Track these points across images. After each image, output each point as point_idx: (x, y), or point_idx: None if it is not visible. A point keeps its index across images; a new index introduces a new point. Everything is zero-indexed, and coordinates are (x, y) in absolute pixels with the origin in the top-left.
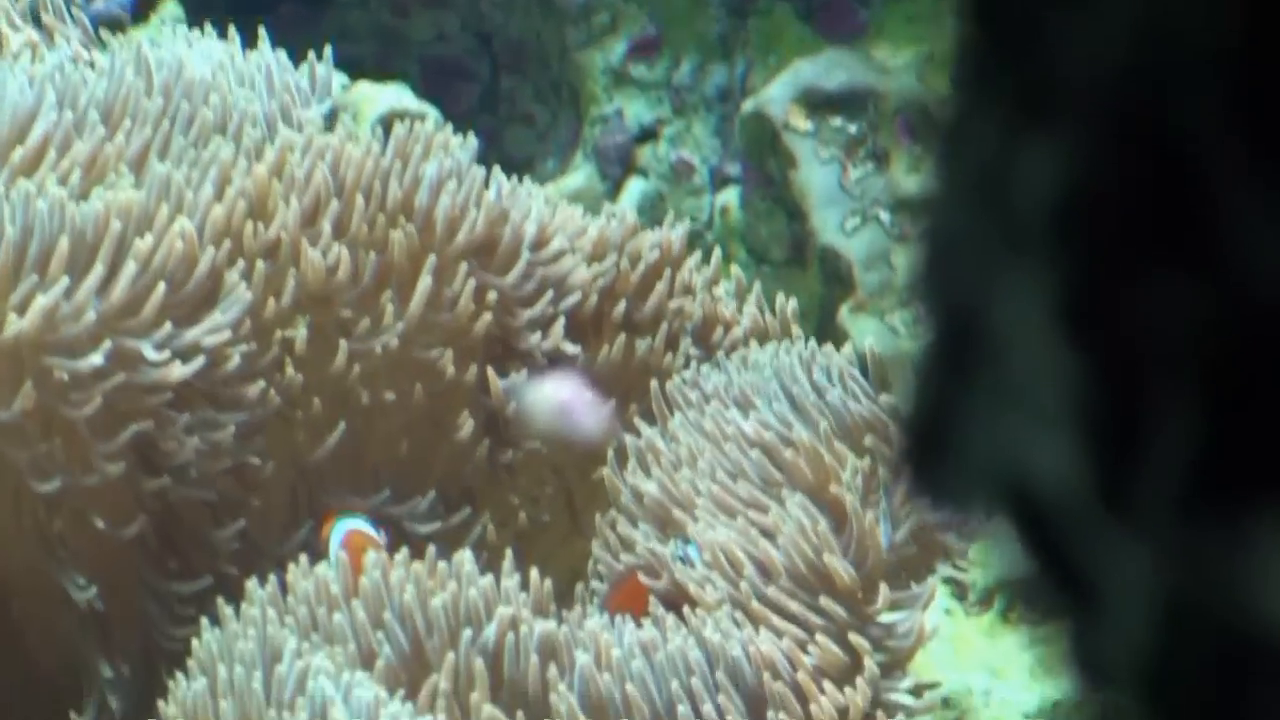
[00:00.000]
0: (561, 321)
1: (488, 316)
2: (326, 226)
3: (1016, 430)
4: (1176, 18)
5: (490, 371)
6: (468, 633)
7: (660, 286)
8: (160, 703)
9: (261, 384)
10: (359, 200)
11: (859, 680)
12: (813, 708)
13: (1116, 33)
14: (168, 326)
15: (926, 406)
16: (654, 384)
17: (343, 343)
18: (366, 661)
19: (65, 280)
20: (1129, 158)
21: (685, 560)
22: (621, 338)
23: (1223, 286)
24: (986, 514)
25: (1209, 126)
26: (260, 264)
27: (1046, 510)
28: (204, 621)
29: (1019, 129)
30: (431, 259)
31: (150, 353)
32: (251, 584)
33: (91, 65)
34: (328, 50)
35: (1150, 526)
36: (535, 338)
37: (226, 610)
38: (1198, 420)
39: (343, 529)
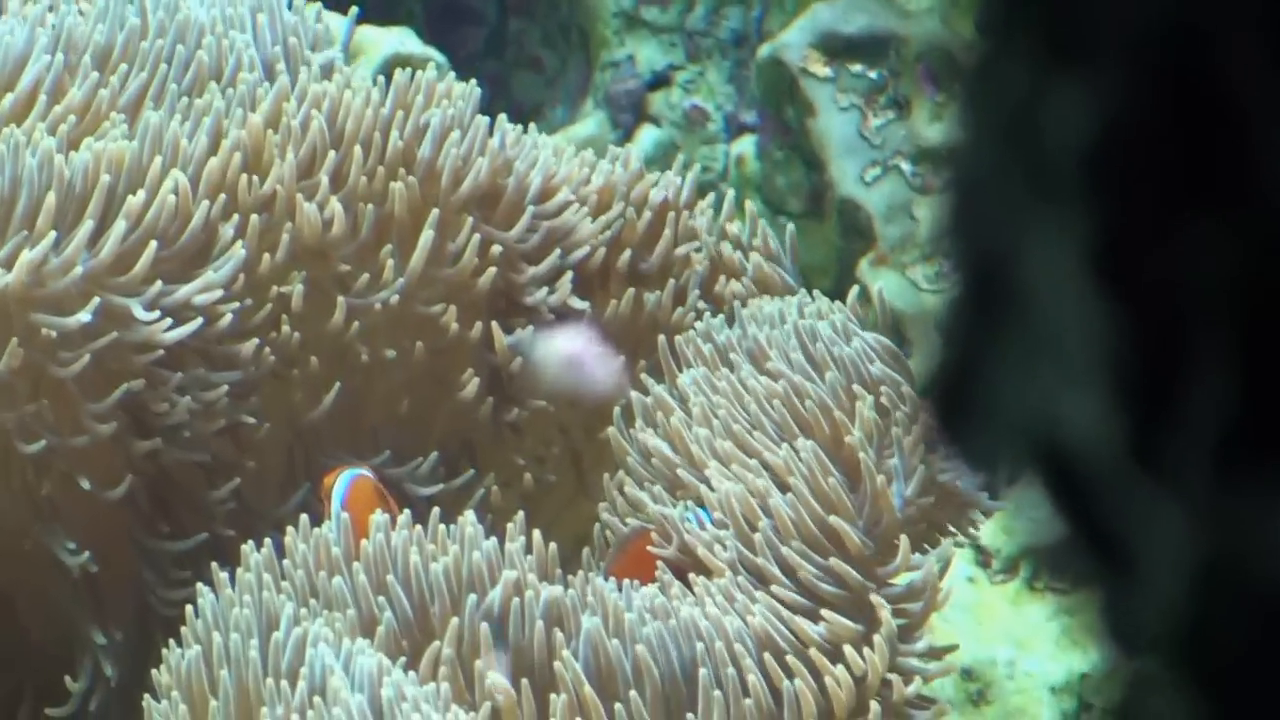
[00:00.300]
0: (569, 276)
1: (492, 271)
2: (324, 179)
3: (1046, 384)
4: None
5: (495, 327)
6: (472, 598)
7: (667, 234)
8: (154, 671)
9: (256, 342)
10: (358, 151)
11: (876, 639)
12: (828, 680)
13: None
14: (158, 284)
15: (953, 360)
16: (662, 339)
17: (341, 299)
18: (367, 628)
19: (53, 235)
20: (1164, 100)
21: (696, 521)
22: (630, 292)
23: (1262, 236)
24: (1015, 472)
25: (1248, 68)
26: (254, 218)
27: (1077, 468)
28: (199, 587)
29: (1048, 70)
30: (435, 212)
31: (139, 312)
32: (247, 548)
33: (77, 7)
34: (354, 11)
35: (1185, 486)
36: (541, 293)
37: (221, 575)
38: (1234, 375)
39: (346, 480)
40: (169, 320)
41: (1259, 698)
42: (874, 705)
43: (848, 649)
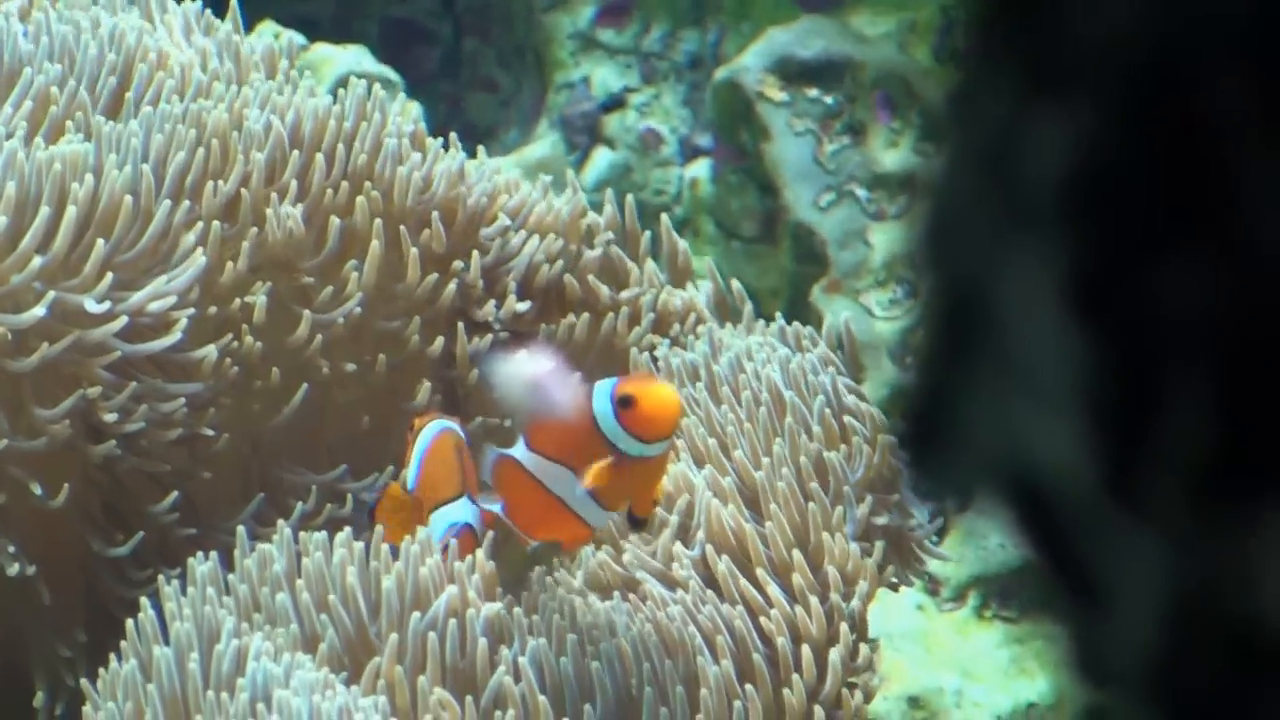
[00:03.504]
0: (514, 289)
1: (453, 287)
2: (293, 183)
3: (1020, 415)
4: None
5: (461, 335)
6: (415, 615)
7: (612, 264)
8: (86, 683)
9: (215, 354)
10: (320, 162)
11: (832, 653)
12: (785, 692)
13: (1135, 1)
14: (110, 277)
15: (925, 387)
16: (635, 353)
17: (306, 314)
18: (309, 644)
19: (3, 221)
20: (1147, 131)
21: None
22: (585, 316)
23: (1242, 269)
24: (988, 504)
25: (1232, 101)
26: (216, 225)
27: (1051, 500)
28: (143, 601)
29: (1027, 100)
30: (377, 223)
31: (91, 305)
32: (192, 561)
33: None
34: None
35: (1159, 519)
36: (489, 307)
37: (166, 589)
38: (1210, 408)
39: (433, 432)
40: (123, 319)
41: None
42: (819, 711)
43: (805, 659)
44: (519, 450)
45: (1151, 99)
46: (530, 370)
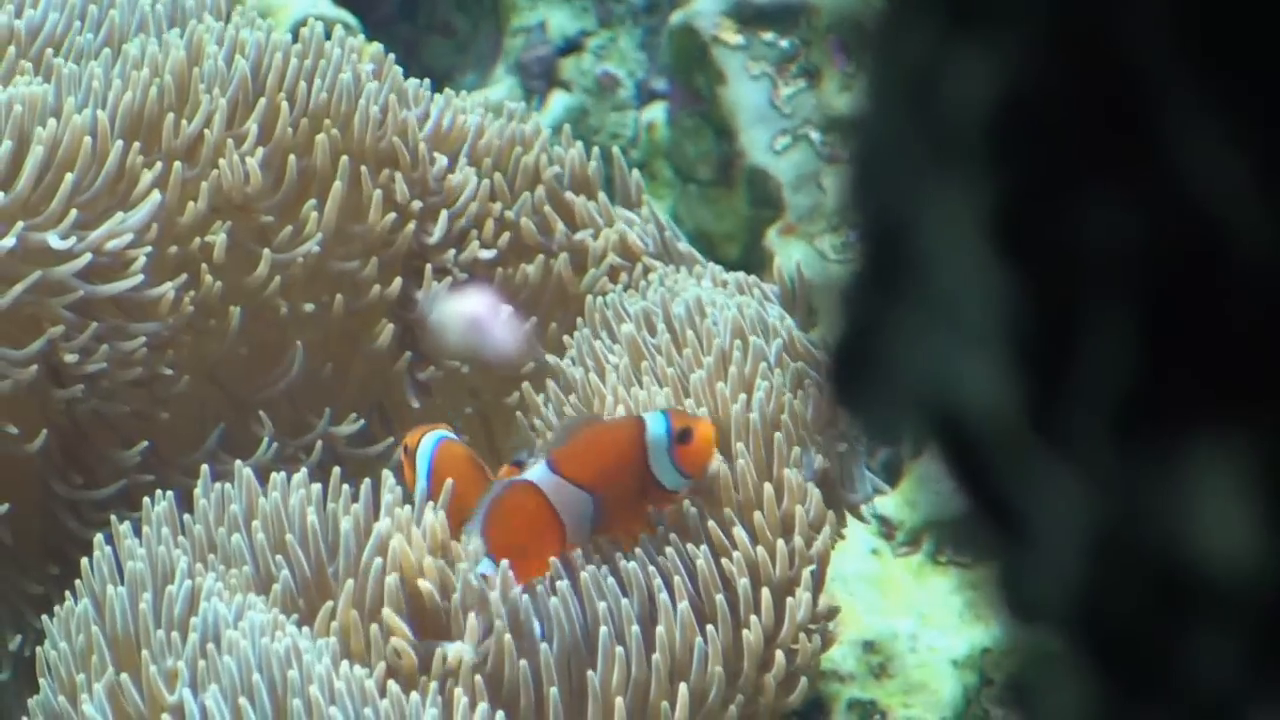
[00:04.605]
0: (474, 233)
1: (410, 228)
2: (253, 127)
3: (944, 352)
4: None
5: (427, 277)
6: (378, 562)
7: (562, 201)
8: (46, 619)
9: (173, 293)
10: (282, 101)
11: (790, 600)
12: (744, 633)
13: None
14: (73, 214)
15: (852, 328)
16: (590, 298)
17: (266, 252)
18: (263, 585)
19: None
20: (1068, 66)
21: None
22: (539, 259)
23: (1164, 205)
24: (914, 441)
25: (1154, 36)
26: (177, 165)
27: (974, 436)
28: (97, 539)
29: (951, 35)
30: (344, 161)
31: (55, 241)
32: (147, 501)
33: None
34: None
35: (1082, 454)
36: (449, 252)
37: (121, 528)
38: (1133, 343)
39: (434, 443)
40: (86, 257)
41: (1148, 668)
42: (779, 657)
43: (765, 602)
44: (539, 474)
45: (1076, 31)
46: (469, 308)
